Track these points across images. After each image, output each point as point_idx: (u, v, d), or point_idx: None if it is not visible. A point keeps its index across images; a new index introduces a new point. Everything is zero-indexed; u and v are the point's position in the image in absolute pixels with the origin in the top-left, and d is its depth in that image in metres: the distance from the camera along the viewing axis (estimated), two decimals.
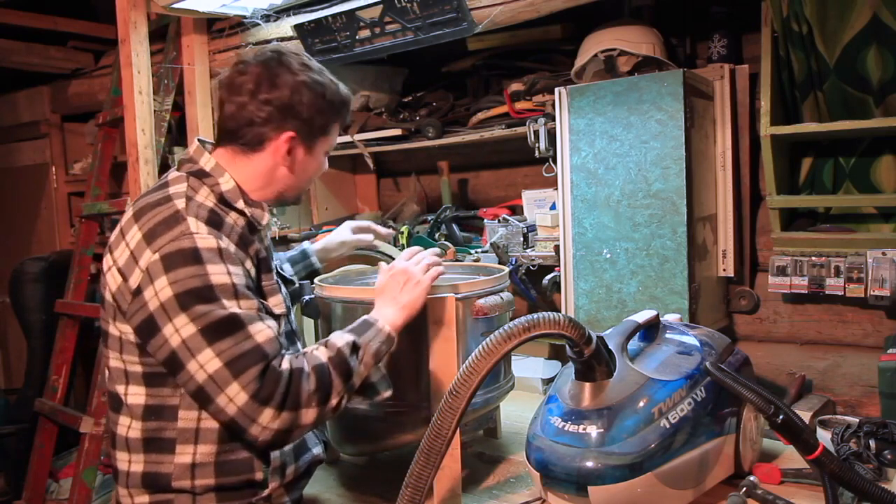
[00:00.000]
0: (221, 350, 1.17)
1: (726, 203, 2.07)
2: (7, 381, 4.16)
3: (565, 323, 1.19)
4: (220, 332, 1.17)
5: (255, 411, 1.16)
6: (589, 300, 2.00)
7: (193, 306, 1.17)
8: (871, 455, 1.48)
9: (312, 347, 1.29)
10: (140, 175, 2.57)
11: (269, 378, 1.17)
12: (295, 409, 1.19)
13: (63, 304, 3.02)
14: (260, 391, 1.16)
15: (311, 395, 1.21)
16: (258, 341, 1.19)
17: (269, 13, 2.33)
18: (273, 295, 1.35)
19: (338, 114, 1.39)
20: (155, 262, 1.20)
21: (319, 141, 1.39)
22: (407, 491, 1.15)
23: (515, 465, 1.68)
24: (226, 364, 1.16)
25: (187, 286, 1.18)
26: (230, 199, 1.32)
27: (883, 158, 1.93)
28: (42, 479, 3.05)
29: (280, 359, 1.21)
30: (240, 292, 1.22)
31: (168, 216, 1.24)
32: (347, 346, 1.28)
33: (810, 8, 1.72)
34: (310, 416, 1.21)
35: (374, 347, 1.31)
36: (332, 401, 1.24)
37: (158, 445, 1.28)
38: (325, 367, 1.24)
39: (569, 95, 1.98)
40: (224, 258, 1.22)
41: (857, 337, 2.02)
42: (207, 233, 1.23)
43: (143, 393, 1.28)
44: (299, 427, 1.21)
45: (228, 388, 1.16)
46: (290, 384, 1.19)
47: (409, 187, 2.93)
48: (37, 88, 3.83)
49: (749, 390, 1.29)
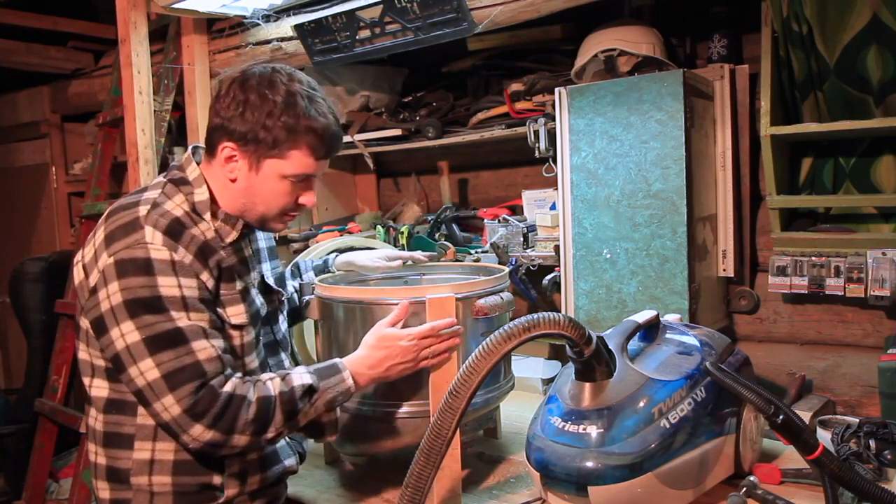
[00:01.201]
0: (161, 361, 1.20)
1: (726, 203, 2.07)
2: (7, 381, 4.16)
3: (565, 323, 1.19)
4: (162, 344, 1.20)
5: (187, 424, 1.20)
6: (589, 300, 2.00)
7: (140, 315, 1.21)
8: (871, 455, 1.48)
9: (269, 376, 1.29)
10: (140, 175, 2.56)
11: (205, 396, 1.20)
12: (227, 432, 1.22)
13: (63, 304, 3.02)
14: (193, 406, 1.19)
15: (248, 424, 1.23)
16: (199, 358, 1.22)
17: (269, 13, 2.33)
18: (232, 304, 1.33)
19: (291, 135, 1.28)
20: (109, 266, 1.23)
21: (268, 161, 1.30)
22: (407, 491, 1.15)
23: (515, 465, 1.68)
24: (163, 376, 1.20)
25: (136, 294, 1.21)
26: (200, 210, 1.34)
27: (883, 158, 1.93)
28: (42, 479, 3.05)
29: (222, 379, 1.23)
30: (189, 304, 1.24)
31: (127, 222, 1.26)
32: (302, 387, 1.28)
33: (810, 8, 1.72)
34: (242, 441, 1.24)
35: (330, 396, 1.32)
36: (269, 434, 1.26)
37: (118, 440, 1.31)
38: (271, 400, 1.25)
39: (569, 95, 1.98)
40: (176, 271, 1.24)
41: (857, 337, 2.02)
42: (162, 244, 1.24)
43: (106, 387, 1.32)
44: (230, 447, 1.24)
45: (164, 398, 1.20)
46: (226, 407, 1.21)
47: (409, 187, 2.93)
48: (37, 88, 3.83)
49: (749, 390, 1.29)
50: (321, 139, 1.31)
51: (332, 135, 1.33)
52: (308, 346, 1.98)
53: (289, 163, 1.31)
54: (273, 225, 1.41)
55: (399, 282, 1.89)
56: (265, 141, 1.28)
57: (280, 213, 1.38)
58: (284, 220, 1.41)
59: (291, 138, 1.29)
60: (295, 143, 1.29)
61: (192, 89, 2.66)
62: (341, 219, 2.90)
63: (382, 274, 1.84)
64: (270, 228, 1.43)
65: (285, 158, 1.30)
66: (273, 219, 1.39)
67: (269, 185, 1.33)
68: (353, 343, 1.55)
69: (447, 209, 2.59)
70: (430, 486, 1.15)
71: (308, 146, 1.30)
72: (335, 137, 1.35)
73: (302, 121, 1.28)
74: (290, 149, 1.29)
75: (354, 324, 1.55)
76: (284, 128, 1.28)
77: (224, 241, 1.34)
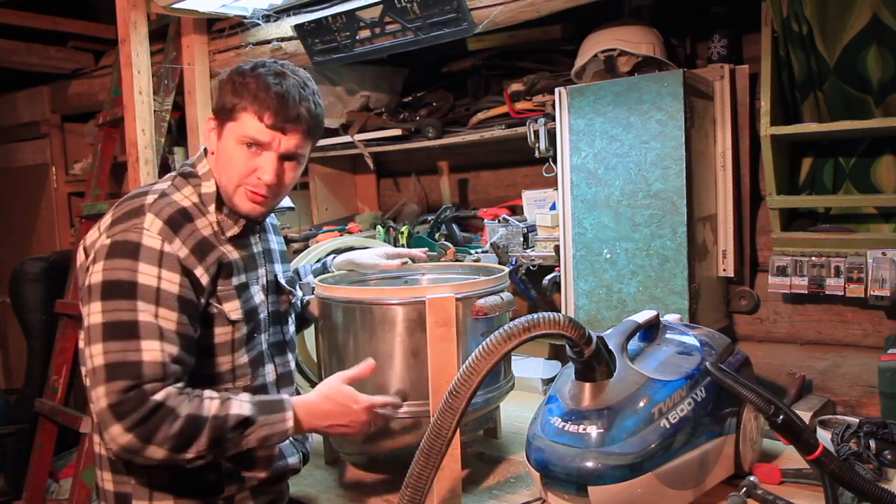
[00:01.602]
0: (109, 350, 1.19)
1: (726, 203, 2.07)
2: (7, 381, 4.16)
3: (565, 323, 1.19)
4: (115, 333, 1.20)
5: (108, 421, 1.16)
6: (589, 300, 2.00)
7: (110, 298, 1.21)
8: (871, 455, 1.48)
9: (210, 395, 1.24)
10: (140, 175, 2.56)
11: (133, 398, 1.16)
12: (144, 440, 1.17)
13: (63, 304, 3.01)
14: (118, 405, 1.16)
15: (167, 439, 1.17)
16: (142, 359, 1.19)
17: (269, 13, 2.33)
18: (228, 300, 1.33)
19: (240, 96, 1.30)
20: (103, 247, 1.25)
21: (227, 125, 1.33)
22: (407, 491, 1.15)
23: (515, 465, 1.68)
24: (105, 364, 1.18)
25: (115, 276, 1.22)
26: (206, 201, 1.36)
27: (883, 158, 1.93)
28: (42, 479, 3.05)
29: (157, 386, 1.18)
30: (162, 299, 1.23)
31: (133, 208, 1.29)
32: (238, 417, 1.22)
33: (810, 8, 1.72)
34: (158, 454, 1.18)
35: (265, 433, 1.25)
36: (188, 454, 1.20)
37: None
38: (201, 421, 1.20)
39: (569, 95, 1.98)
40: (161, 262, 1.24)
41: (857, 337, 2.02)
42: (158, 232, 1.26)
43: None
44: (144, 458, 1.18)
45: (98, 388, 1.18)
46: (150, 415, 1.16)
47: (409, 187, 2.93)
48: (37, 88, 3.83)
49: (749, 390, 1.29)
50: (264, 103, 1.29)
51: (281, 101, 1.30)
52: (308, 346, 1.98)
53: (239, 124, 1.32)
54: (237, 202, 1.35)
55: (399, 282, 1.89)
56: (224, 105, 1.33)
57: (238, 184, 1.34)
58: (249, 199, 1.35)
59: (240, 100, 1.31)
60: (243, 105, 1.31)
61: (192, 89, 2.66)
62: (341, 219, 2.90)
63: (382, 274, 1.84)
64: (237, 207, 1.36)
65: (237, 120, 1.32)
66: (234, 192, 1.35)
67: (228, 151, 1.34)
68: (352, 343, 1.56)
69: (447, 209, 2.59)
70: (430, 486, 1.15)
71: (255, 109, 1.30)
72: (285, 105, 1.31)
73: (251, 85, 1.30)
74: (241, 110, 1.31)
75: (354, 324, 1.56)
76: (239, 90, 1.31)
77: (225, 235, 1.36)
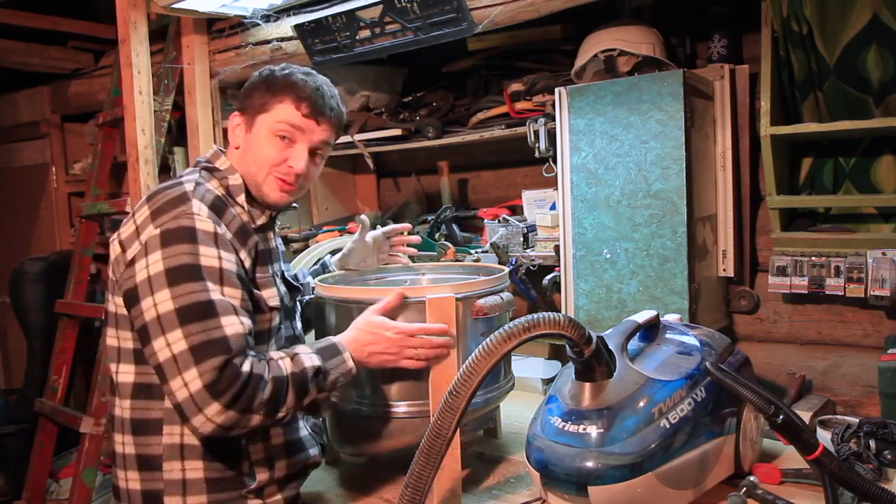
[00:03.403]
0: (190, 333, 1.19)
1: (726, 203, 2.07)
2: (7, 381, 4.16)
3: (565, 323, 1.19)
4: (193, 316, 1.20)
5: (205, 402, 1.17)
6: (589, 300, 2.00)
7: (179, 283, 1.22)
8: (871, 455, 1.48)
9: (279, 355, 1.30)
10: (140, 175, 2.56)
11: (228, 373, 1.18)
12: (243, 412, 1.20)
13: (63, 304, 3.01)
14: (215, 384, 1.17)
15: (263, 404, 1.22)
16: (226, 333, 1.21)
17: (269, 13, 2.33)
18: (267, 287, 1.39)
19: (275, 91, 1.39)
20: (154, 237, 1.25)
21: (258, 118, 1.40)
22: (407, 491, 1.14)
23: (515, 465, 1.68)
24: (190, 348, 1.18)
25: (178, 262, 1.23)
26: (234, 192, 1.40)
27: (883, 158, 1.93)
28: (42, 479, 3.05)
29: (243, 358, 1.22)
30: (226, 278, 1.26)
31: (176, 196, 1.30)
32: (313, 368, 1.29)
33: (810, 8, 1.72)
34: (254, 422, 1.23)
35: (333, 377, 1.33)
36: (280, 413, 1.26)
37: (147, 426, 1.32)
38: (284, 381, 1.25)
39: (569, 95, 1.98)
40: (218, 243, 1.27)
41: (857, 337, 2.02)
42: (207, 216, 1.29)
43: (132, 371, 1.33)
44: (241, 428, 1.23)
45: (187, 372, 1.17)
46: (245, 386, 1.20)
47: (409, 187, 2.93)
48: (37, 88, 3.83)
49: (749, 390, 1.29)
50: (302, 93, 1.39)
51: (316, 93, 1.40)
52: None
53: (273, 114, 1.39)
54: (266, 191, 1.41)
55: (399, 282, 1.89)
56: (257, 100, 1.40)
57: (269, 172, 1.40)
58: (278, 189, 1.41)
59: (274, 93, 1.39)
60: (280, 97, 1.39)
61: (192, 89, 2.66)
62: (341, 219, 2.90)
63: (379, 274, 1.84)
64: (266, 196, 1.41)
65: (271, 111, 1.39)
66: (265, 181, 1.40)
67: (259, 141, 1.40)
68: None
69: (447, 209, 2.59)
70: (430, 486, 1.15)
71: (290, 99, 1.38)
72: (321, 97, 1.40)
73: (284, 79, 1.40)
74: (276, 102, 1.39)
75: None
76: (273, 85, 1.40)
77: (255, 223, 1.41)
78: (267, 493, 1.37)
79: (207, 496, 1.32)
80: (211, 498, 1.32)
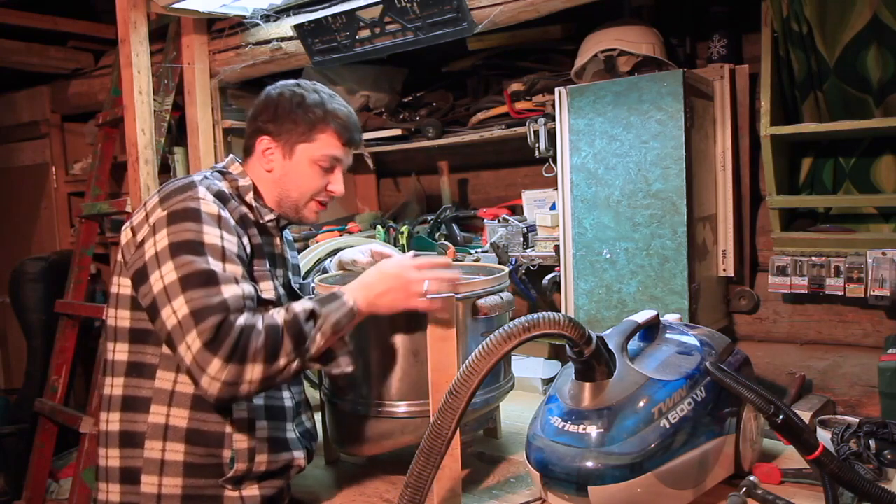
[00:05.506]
0: (192, 298, 1.24)
1: (726, 203, 2.07)
2: (7, 381, 4.16)
3: (565, 323, 1.19)
4: (196, 283, 1.25)
5: (205, 360, 1.20)
6: (589, 300, 2.00)
7: (181, 255, 1.27)
8: (871, 455, 1.48)
9: (274, 311, 1.32)
10: (140, 175, 2.56)
11: (223, 330, 1.22)
12: (241, 362, 1.22)
13: (63, 304, 3.01)
14: (212, 341, 1.21)
15: (258, 351, 1.23)
16: (225, 296, 1.25)
17: (269, 13, 2.33)
18: (263, 280, 1.42)
19: (315, 122, 1.46)
20: (161, 218, 1.32)
21: (299, 146, 1.47)
22: (407, 491, 1.15)
23: (515, 465, 1.68)
24: (192, 312, 1.23)
25: (182, 238, 1.29)
26: (242, 192, 1.48)
27: (883, 158, 1.93)
28: (42, 479, 3.05)
29: (238, 315, 1.25)
30: (227, 256, 1.31)
31: (182, 184, 1.37)
32: (304, 312, 1.30)
33: (810, 8, 1.72)
34: (256, 373, 1.23)
35: (334, 319, 1.32)
36: (280, 361, 1.26)
37: (134, 404, 1.37)
38: (278, 328, 1.27)
39: (569, 95, 1.98)
40: (221, 225, 1.33)
41: (857, 337, 2.02)
42: (212, 201, 1.35)
43: (126, 350, 1.39)
44: (246, 382, 1.23)
45: (189, 334, 1.22)
46: (239, 338, 1.22)
47: (409, 187, 2.93)
48: (37, 88, 3.83)
49: (749, 390, 1.29)
50: (344, 124, 1.49)
51: (354, 123, 1.52)
52: None
53: (317, 145, 1.47)
54: (306, 213, 1.51)
55: None
56: (296, 129, 1.46)
57: (311, 199, 1.50)
58: (316, 210, 1.53)
59: (319, 123, 1.47)
60: (322, 128, 1.47)
61: (192, 89, 2.66)
62: (341, 219, 2.90)
63: None
64: (304, 217, 1.52)
65: (314, 141, 1.47)
66: (305, 206, 1.50)
67: (301, 170, 1.48)
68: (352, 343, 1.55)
69: (447, 209, 2.59)
70: (430, 486, 1.15)
71: (334, 130, 1.48)
72: (356, 127, 1.53)
73: (327, 108, 1.48)
74: (319, 132, 1.47)
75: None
76: (312, 115, 1.46)
77: (262, 219, 1.48)
78: (245, 485, 1.39)
79: (183, 479, 1.34)
80: (186, 482, 1.34)
